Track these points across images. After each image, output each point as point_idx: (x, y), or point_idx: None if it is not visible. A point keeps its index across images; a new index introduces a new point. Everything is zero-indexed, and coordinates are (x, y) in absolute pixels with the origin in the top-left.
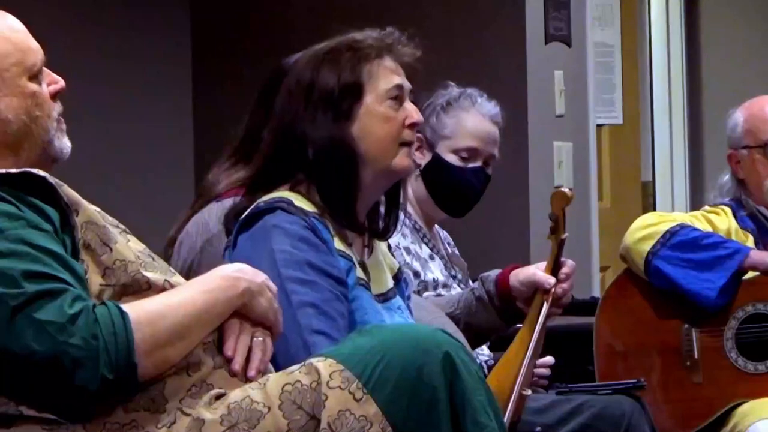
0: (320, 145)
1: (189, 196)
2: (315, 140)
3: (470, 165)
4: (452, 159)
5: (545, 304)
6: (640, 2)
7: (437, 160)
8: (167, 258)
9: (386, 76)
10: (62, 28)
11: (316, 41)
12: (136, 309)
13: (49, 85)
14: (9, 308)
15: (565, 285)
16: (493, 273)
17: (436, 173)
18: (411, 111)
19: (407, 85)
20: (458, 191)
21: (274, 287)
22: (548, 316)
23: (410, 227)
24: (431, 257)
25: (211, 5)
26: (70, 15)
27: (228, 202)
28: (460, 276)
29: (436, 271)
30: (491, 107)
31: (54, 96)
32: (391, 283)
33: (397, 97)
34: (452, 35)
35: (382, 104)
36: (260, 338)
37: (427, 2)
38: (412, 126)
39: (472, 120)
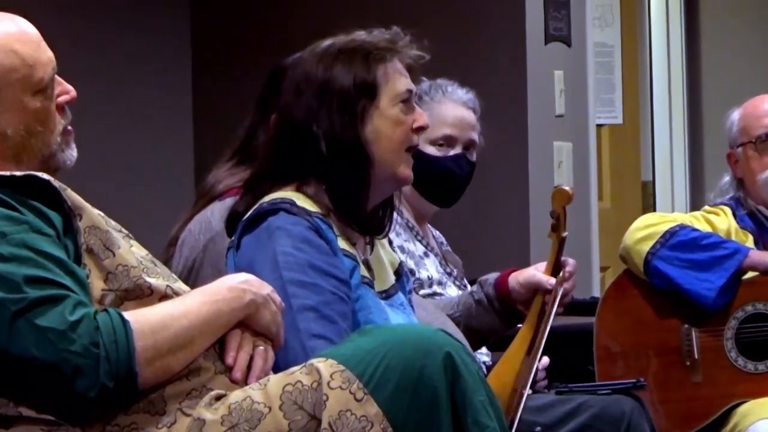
0: (336, 145)
1: (189, 196)
2: (330, 140)
3: (450, 153)
4: (431, 150)
5: (547, 304)
6: (640, 2)
7: (417, 154)
8: (168, 257)
9: (398, 79)
10: (62, 27)
11: (316, 41)
12: (138, 317)
13: (59, 95)
14: (10, 313)
15: (567, 284)
16: (492, 276)
17: (418, 167)
18: (419, 115)
19: (414, 88)
20: (441, 181)
21: (278, 300)
22: (551, 315)
23: (403, 225)
24: (425, 254)
25: (211, 5)
26: (70, 14)
27: (230, 202)
28: (455, 273)
29: (431, 268)
30: (463, 93)
31: (63, 106)
32: (393, 279)
33: (406, 100)
34: (452, 35)
35: (395, 107)
36: (262, 347)
37: (427, 2)
38: (419, 130)
39: (444, 108)
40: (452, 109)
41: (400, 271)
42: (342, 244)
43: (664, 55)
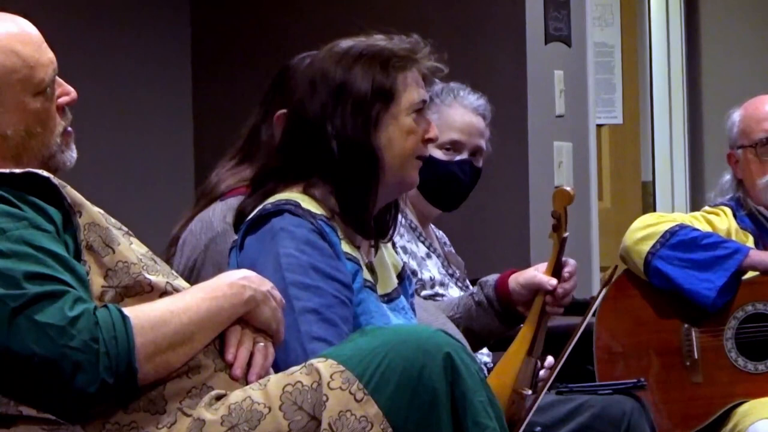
0: (347, 146)
1: (189, 196)
2: (341, 141)
3: (456, 158)
4: (437, 154)
5: (547, 304)
6: (640, 2)
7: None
8: (169, 257)
9: (415, 89)
10: (61, 27)
11: (316, 42)
12: (138, 313)
13: (60, 96)
14: (9, 309)
15: (567, 285)
16: (492, 278)
17: (422, 169)
18: (431, 126)
19: (428, 98)
20: (445, 185)
21: (279, 296)
22: (550, 315)
23: (406, 226)
24: (428, 255)
25: (211, 5)
26: (70, 15)
27: (232, 201)
28: (457, 274)
29: (433, 269)
30: (474, 99)
31: (63, 107)
32: (395, 283)
33: (420, 110)
34: (452, 35)
35: (408, 116)
36: (262, 344)
37: (427, 2)
38: (429, 141)
39: (453, 113)
40: (462, 115)
41: (403, 275)
42: (345, 247)
43: (664, 55)
